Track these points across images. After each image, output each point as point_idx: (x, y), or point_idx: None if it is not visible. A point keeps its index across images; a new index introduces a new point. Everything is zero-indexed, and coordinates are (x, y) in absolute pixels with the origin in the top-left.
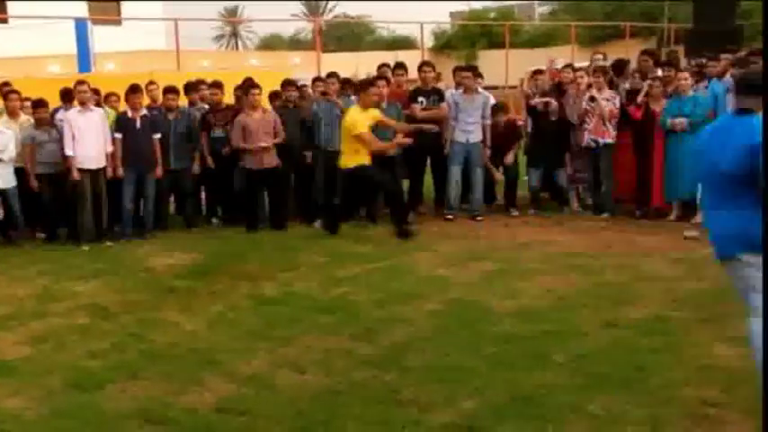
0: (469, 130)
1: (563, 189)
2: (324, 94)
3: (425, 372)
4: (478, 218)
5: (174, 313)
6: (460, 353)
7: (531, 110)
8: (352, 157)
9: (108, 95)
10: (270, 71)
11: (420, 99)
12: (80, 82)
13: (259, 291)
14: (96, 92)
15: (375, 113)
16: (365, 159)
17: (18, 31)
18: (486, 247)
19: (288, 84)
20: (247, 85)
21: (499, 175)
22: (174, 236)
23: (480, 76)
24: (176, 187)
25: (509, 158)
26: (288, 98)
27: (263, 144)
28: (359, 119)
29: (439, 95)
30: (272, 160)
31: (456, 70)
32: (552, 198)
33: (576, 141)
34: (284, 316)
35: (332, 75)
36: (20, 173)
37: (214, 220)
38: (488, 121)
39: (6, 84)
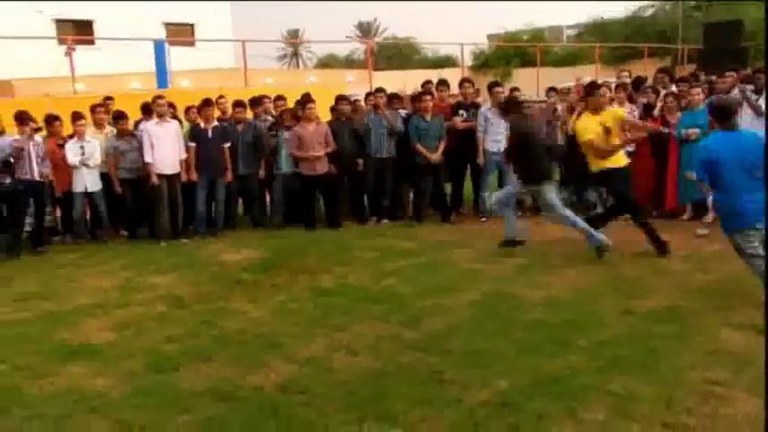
0: (499, 140)
1: (591, 204)
2: (375, 107)
3: (464, 355)
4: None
5: (242, 303)
6: (495, 338)
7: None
8: (602, 161)
9: (188, 109)
10: (326, 87)
11: (461, 111)
12: (158, 97)
13: (317, 283)
14: (172, 106)
15: (614, 113)
16: (616, 162)
17: (103, 51)
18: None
19: (340, 99)
20: (304, 100)
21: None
22: (242, 234)
23: (517, 89)
24: (244, 191)
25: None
26: (341, 111)
27: (316, 153)
28: (587, 126)
29: (477, 108)
30: (323, 167)
31: (490, 87)
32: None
33: None
34: (339, 305)
35: (379, 90)
36: (105, 178)
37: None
38: None
39: (109, 98)
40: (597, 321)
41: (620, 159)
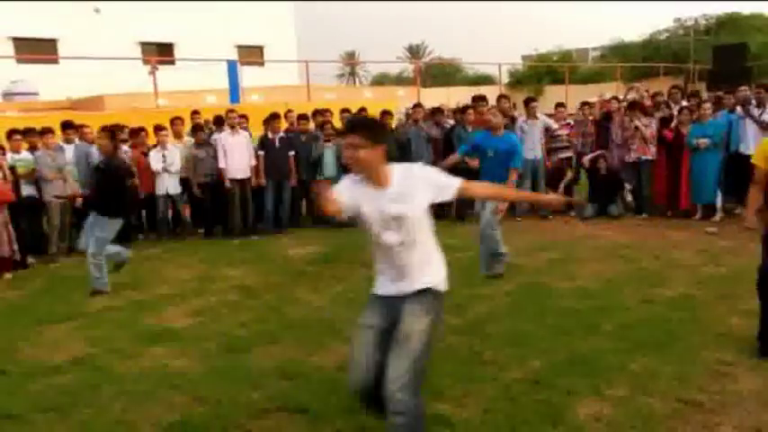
0: (535, 148)
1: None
2: (415, 121)
3: (502, 338)
4: (549, 217)
5: (306, 292)
6: (530, 323)
7: (588, 168)
8: None
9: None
10: (380, 102)
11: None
12: (230, 110)
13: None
14: (244, 117)
15: None
16: None
17: (183, 70)
18: (550, 241)
19: (385, 113)
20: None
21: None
22: (306, 232)
23: (563, 105)
24: (307, 193)
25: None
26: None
27: None
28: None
29: (513, 121)
30: None
31: (526, 102)
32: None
33: (620, 156)
34: None
35: (418, 105)
36: (184, 182)
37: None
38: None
39: (196, 112)
40: (620, 308)
41: None
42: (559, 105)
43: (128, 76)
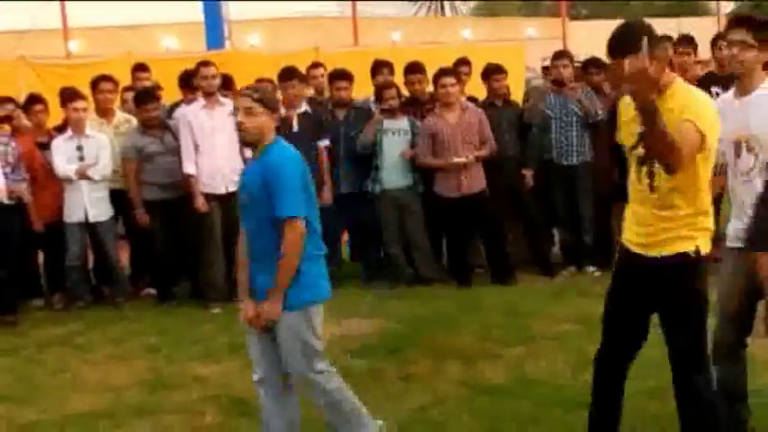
0: None
1: None
2: (556, 83)
3: None
4: None
5: None
6: None
7: None
8: None
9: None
10: (491, 47)
11: (714, 90)
12: (205, 63)
13: (476, 375)
14: (228, 80)
15: None
16: None
17: None
18: None
19: (491, 71)
20: (439, 72)
21: None
22: (348, 293)
23: None
24: (352, 220)
25: None
26: (495, 88)
27: (461, 159)
28: None
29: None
30: (475, 183)
31: None
32: None
33: None
34: (514, 413)
35: (562, 54)
36: (118, 199)
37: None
38: None
39: (142, 67)
40: None
41: None
42: None
43: (15, 1)
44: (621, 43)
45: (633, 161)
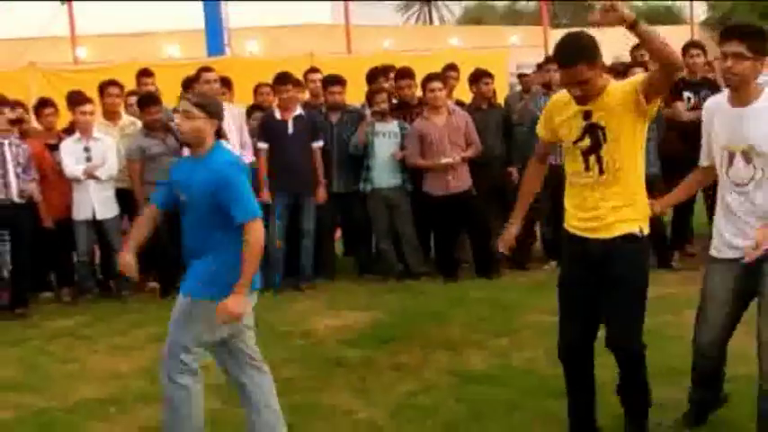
0: None
1: None
2: (545, 86)
3: None
4: None
5: (344, 396)
6: None
7: None
8: None
9: (257, 88)
10: (477, 53)
11: (686, 95)
12: (205, 68)
13: (463, 364)
14: (226, 83)
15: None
16: None
17: None
18: None
19: (479, 76)
20: (427, 77)
21: None
22: (343, 287)
23: None
24: (345, 218)
25: None
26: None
27: (448, 160)
28: None
29: (712, 89)
30: (461, 182)
31: None
32: None
33: None
34: (497, 400)
35: (551, 60)
36: (124, 198)
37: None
38: None
39: (147, 73)
40: None
41: None
42: None
43: (23, 9)
44: (577, 51)
45: (577, 154)
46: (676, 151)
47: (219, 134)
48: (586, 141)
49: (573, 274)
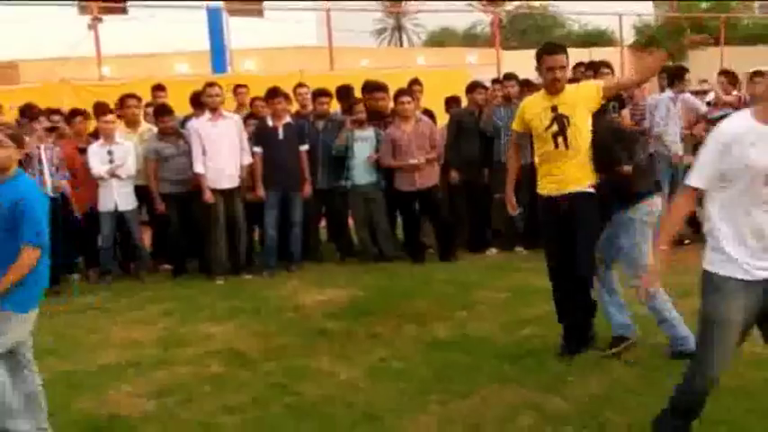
0: (677, 141)
1: None
2: (506, 98)
3: (628, 431)
4: (686, 242)
5: (327, 361)
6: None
7: None
8: None
9: (253, 101)
10: (440, 71)
11: (611, 104)
12: (210, 84)
13: (429, 334)
14: (244, 87)
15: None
16: None
17: (139, 23)
18: (697, 281)
19: (475, 86)
20: (398, 92)
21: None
22: (327, 269)
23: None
24: (329, 210)
25: None
26: (477, 100)
27: (415, 161)
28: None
29: (619, 102)
30: (427, 179)
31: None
32: None
33: None
34: (459, 364)
35: (510, 76)
36: (140, 193)
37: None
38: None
39: (160, 87)
40: None
41: None
42: (757, 74)
43: (55, 32)
44: (560, 47)
45: (547, 137)
46: None
47: (21, 163)
48: (555, 127)
49: (548, 222)
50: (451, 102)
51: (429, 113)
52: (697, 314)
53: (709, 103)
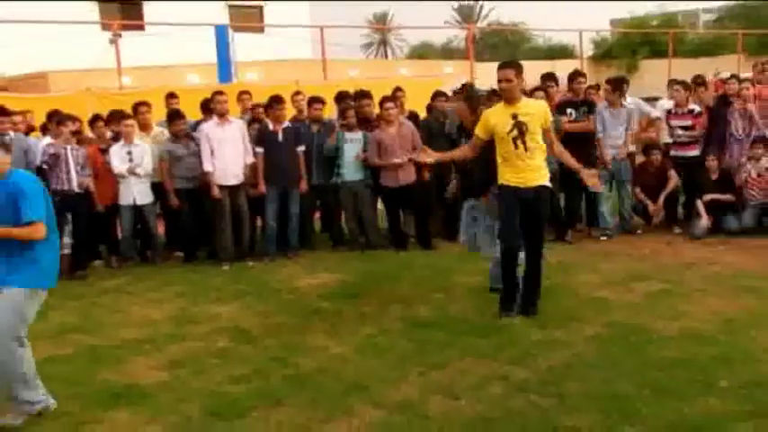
0: (617, 144)
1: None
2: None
3: (585, 399)
4: (638, 231)
5: (321, 337)
6: (623, 379)
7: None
8: None
9: (254, 107)
10: (421, 81)
11: (569, 110)
12: (217, 92)
13: (411, 313)
14: (247, 94)
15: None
16: None
17: (155, 38)
18: (650, 267)
19: (438, 95)
20: (383, 99)
21: (654, 208)
22: (320, 255)
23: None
24: (322, 203)
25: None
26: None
27: (398, 160)
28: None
29: (589, 107)
30: (408, 177)
31: (611, 82)
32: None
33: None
34: (437, 340)
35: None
36: (157, 189)
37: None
38: (632, 131)
39: (173, 95)
40: (745, 358)
41: None
42: (676, 82)
43: (81, 47)
44: (509, 64)
45: (509, 140)
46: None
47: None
48: (515, 132)
49: (509, 206)
50: (431, 107)
51: (414, 116)
52: (648, 297)
53: (669, 112)
